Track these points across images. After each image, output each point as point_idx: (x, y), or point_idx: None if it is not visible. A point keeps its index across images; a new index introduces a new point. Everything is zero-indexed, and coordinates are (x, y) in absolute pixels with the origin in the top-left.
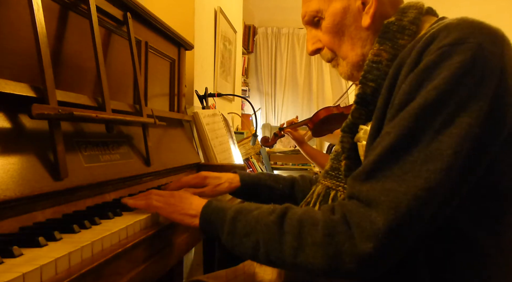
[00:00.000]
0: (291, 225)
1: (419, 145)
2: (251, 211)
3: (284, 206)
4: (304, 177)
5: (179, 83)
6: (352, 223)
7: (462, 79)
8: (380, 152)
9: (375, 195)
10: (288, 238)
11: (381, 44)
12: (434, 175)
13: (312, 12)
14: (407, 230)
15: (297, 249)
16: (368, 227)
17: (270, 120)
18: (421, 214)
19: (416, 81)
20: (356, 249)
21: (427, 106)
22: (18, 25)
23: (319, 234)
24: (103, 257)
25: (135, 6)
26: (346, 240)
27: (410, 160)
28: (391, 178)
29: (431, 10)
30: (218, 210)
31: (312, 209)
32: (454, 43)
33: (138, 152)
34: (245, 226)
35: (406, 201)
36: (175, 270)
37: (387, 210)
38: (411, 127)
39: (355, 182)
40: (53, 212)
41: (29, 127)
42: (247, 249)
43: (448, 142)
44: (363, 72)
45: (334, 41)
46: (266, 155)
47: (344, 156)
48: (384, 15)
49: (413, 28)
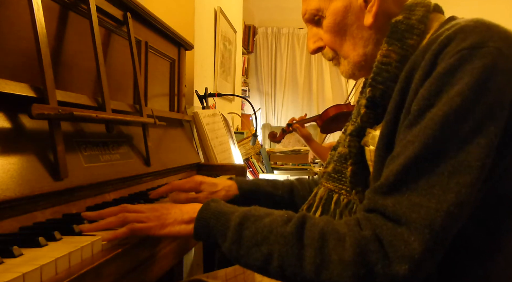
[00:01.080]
0: (312, 238)
1: (445, 155)
2: (262, 217)
3: (301, 214)
4: (301, 181)
5: (179, 83)
6: (384, 241)
7: (485, 85)
8: (403, 163)
9: (403, 211)
10: (309, 253)
11: (390, 45)
12: (465, 189)
13: (313, 11)
14: (441, 248)
15: (320, 266)
16: (403, 247)
17: (270, 120)
18: (453, 229)
19: (436, 86)
20: (390, 271)
21: (452, 113)
22: (18, 25)
23: (347, 251)
24: (103, 257)
25: (135, 6)
26: (379, 261)
27: (437, 172)
28: (418, 192)
29: (438, 7)
30: (219, 214)
31: (333, 221)
32: (473, 46)
33: (138, 152)
34: (255, 235)
35: (439, 218)
36: (175, 270)
37: (421, 229)
38: (436, 136)
39: (377, 195)
40: (53, 212)
41: (29, 127)
42: (256, 261)
43: (475, 153)
44: (372, 74)
45: (335, 41)
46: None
47: (351, 161)
48: (387, 13)
49: (421, 27)
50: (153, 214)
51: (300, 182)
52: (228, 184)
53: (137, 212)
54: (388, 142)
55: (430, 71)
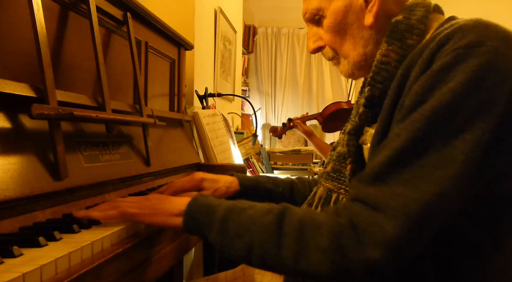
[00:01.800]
0: (291, 226)
1: (430, 149)
2: (245, 209)
3: (282, 205)
4: (302, 179)
5: (179, 83)
6: (359, 228)
7: (478, 83)
8: (388, 154)
9: (383, 199)
10: (288, 241)
11: (390, 44)
12: (447, 181)
13: (313, 10)
14: (417, 237)
15: (298, 253)
16: (377, 233)
17: (270, 120)
18: (432, 221)
19: (429, 82)
20: (364, 256)
21: (441, 109)
22: (18, 25)
23: (324, 238)
24: (103, 257)
25: (135, 6)
26: (354, 246)
27: (420, 164)
28: (400, 182)
29: (438, 8)
30: (206, 207)
31: (313, 211)
32: (470, 45)
33: (138, 152)
34: (238, 226)
35: (417, 207)
36: (175, 270)
37: (397, 216)
38: (423, 129)
39: (361, 184)
40: (53, 212)
41: (29, 127)
42: (238, 251)
43: (461, 148)
44: (371, 74)
45: (335, 40)
46: (266, 155)
47: (350, 160)
48: (388, 13)
49: (421, 27)
50: (144, 203)
51: (301, 181)
52: (230, 180)
53: (130, 201)
54: (382, 139)
55: (426, 68)
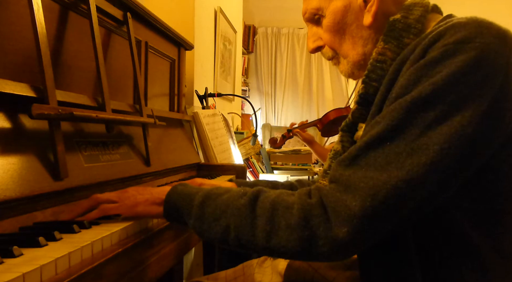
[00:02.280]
0: (264, 208)
1: (406, 137)
2: (221, 195)
3: (256, 189)
4: (302, 182)
5: (179, 83)
6: (328, 207)
7: (461, 78)
8: (367, 140)
9: (355, 180)
10: (261, 221)
11: (386, 43)
12: (417, 168)
13: (313, 10)
14: (382, 219)
15: (270, 232)
16: (343, 212)
17: (270, 120)
18: (398, 206)
19: (415, 75)
20: (331, 233)
21: (420, 100)
22: (18, 25)
23: (294, 217)
24: (103, 257)
25: (135, 6)
26: (321, 224)
27: (396, 152)
28: (374, 167)
29: (436, 8)
30: (184, 195)
31: (286, 192)
32: (459, 41)
33: (138, 152)
34: (215, 210)
35: (384, 190)
36: (175, 270)
37: (364, 196)
38: (400, 118)
39: (339, 166)
40: (53, 212)
41: (29, 127)
42: (216, 234)
43: (436, 139)
44: (366, 72)
45: (335, 40)
46: (266, 155)
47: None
48: (387, 13)
49: (418, 26)
50: (124, 195)
51: (300, 183)
52: (228, 186)
53: (108, 196)
54: None
55: (416, 64)
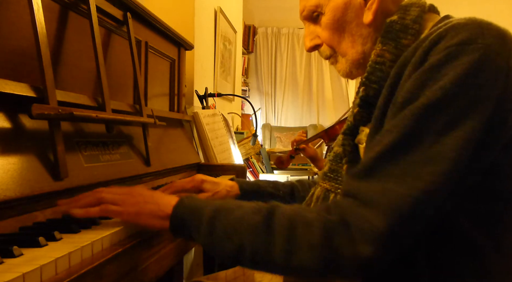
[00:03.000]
0: (281, 225)
1: (420, 146)
2: (233, 209)
3: (271, 204)
4: (302, 182)
5: (179, 83)
6: (350, 224)
7: (469, 81)
8: (380, 150)
9: (373, 195)
10: (279, 240)
11: (384, 44)
12: (436, 177)
13: (312, 7)
14: (407, 233)
15: (289, 251)
16: (368, 229)
17: (270, 120)
18: (421, 216)
19: (421, 80)
20: (356, 252)
21: (431, 106)
22: (18, 25)
23: (315, 235)
24: (103, 257)
25: (135, 6)
26: (345, 243)
27: (411, 161)
28: (391, 178)
29: (433, 8)
30: (192, 209)
31: (303, 208)
32: (461, 43)
33: (138, 152)
34: (226, 227)
35: (407, 203)
36: (175, 270)
37: (387, 211)
38: (413, 126)
39: (353, 179)
40: (53, 212)
41: (29, 127)
42: (228, 252)
43: (450, 145)
44: (366, 74)
45: (333, 38)
46: (266, 155)
47: (346, 159)
48: (386, 12)
49: (416, 27)
50: (129, 199)
51: (301, 183)
52: (230, 184)
53: (113, 194)
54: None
55: (419, 67)
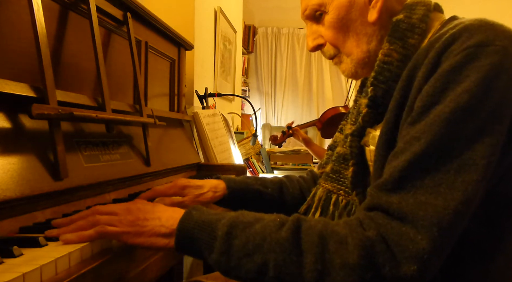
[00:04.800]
0: (311, 242)
1: (451, 153)
2: (252, 224)
3: (296, 217)
4: (291, 178)
5: (179, 83)
6: (391, 241)
7: (492, 83)
8: (408, 159)
9: (410, 209)
10: (309, 259)
11: (391, 44)
12: (471, 186)
13: (315, 6)
14: (448, 246)
15: (322, 272)
16: (411, 247)
17: (270, 120)
18: (460, 227)
19: (441, 82)
20: (398, 273)
21: (459, 111)
22: (18, 25)
23: (351, 254)
24: (103, 257)
25: (135, 6)
26: (387, 262)
27: (443, 170)
28: (424, 190)
29: (438, 7)
30: (203, 224)
31: (331, 222)
32: (479, 44)
33: (138, 152)
34: (246, 244)
35: (447, 216)
36: (175, 270)
37: (429, 227)
38: (442, 133)
39: (380, 191)
40: (53, 212)
41: (29, 127)
42: (248, 273)
43: (481, 151)
44: (373, 74)
45: (338, 37)
46: (266, 155)
47: (352, 161)
48: (390, 10)
49: (422, 26)
50: (127, 218)
51: (289, 180)
52: (214, 185)
53: (110, 214)
54: (388, 141)
55: (433, 69)
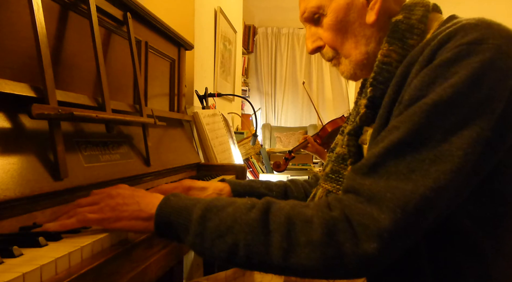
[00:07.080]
0: (278, 222)
1: (428, 143)
2: (224, 207)
3: (266, 200)
4: (295, 182)
5: (179, 83)
6: (353, 221)
7: (479, 81)
8: (386, 146)
9: (378, 191)
10: (276, 238)
11: (391, 44)
12: (444, 175)
13: (313, 8)
14: (412, 230)
15: (288, 250)
16: (372, 226)
17: (270, 120)
18: (427, 215)
19: (430, 77)
20: (358, 250)
21: (441, 103)
22: (18, 25)
23: (315, 232)
24: (103, 257)
25: (135, 6)
26: (348, 240)
27: (418, 159)
28: (397, 175)
29: (436, 7)
30: (180, 209)
31: (301, 203)
32: (472, 42)
33: (138, 152)
34: (219, 226)
35: (414, 200)
36: (175, 270)
37: (393, 208)
38: (421, 123)
39: (356, 174)
40: (53, 212)
41: (29, 127)
42: (220, 252)
43: (459, 144)
44: (373, 74)
45: (336, 39)
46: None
47: (350, 160)
48: (388, 12)
49: (421, 27)
50: (107, 204)
51: (294, 183)
52: (220, 187)
53: (92, 204)
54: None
55: (427, 65)
